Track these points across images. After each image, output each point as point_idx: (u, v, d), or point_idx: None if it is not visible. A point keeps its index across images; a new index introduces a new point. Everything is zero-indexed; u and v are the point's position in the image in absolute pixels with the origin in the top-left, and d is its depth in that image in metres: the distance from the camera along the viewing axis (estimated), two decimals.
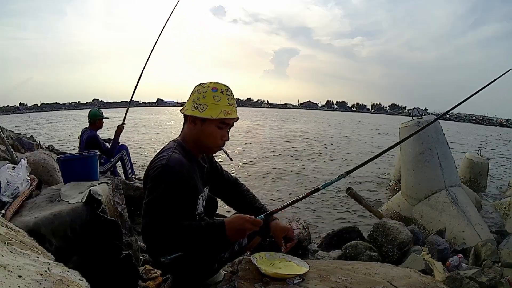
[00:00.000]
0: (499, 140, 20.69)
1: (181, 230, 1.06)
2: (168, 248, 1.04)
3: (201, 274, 1.30)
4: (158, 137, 13.92)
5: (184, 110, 1.25)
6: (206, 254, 1.23)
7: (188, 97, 1.26)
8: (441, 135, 4.11)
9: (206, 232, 1.10)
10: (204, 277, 1.33)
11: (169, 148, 1.21)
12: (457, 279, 2.21)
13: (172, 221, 1.04)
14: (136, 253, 1.89)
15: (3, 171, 1.58)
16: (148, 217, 1.06)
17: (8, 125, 15.77)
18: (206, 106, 1.20)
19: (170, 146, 1.23)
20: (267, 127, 21.94)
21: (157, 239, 1.04)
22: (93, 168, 1.88)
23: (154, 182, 1.10)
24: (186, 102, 1.27)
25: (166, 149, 1.21)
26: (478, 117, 75.42)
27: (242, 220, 1.12)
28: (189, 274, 1.27)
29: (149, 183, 1.12)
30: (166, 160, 1.12)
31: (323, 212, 4.64)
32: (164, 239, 1.04)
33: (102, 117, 3.92)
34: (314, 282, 1.22)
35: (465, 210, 3.57)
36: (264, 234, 1.36)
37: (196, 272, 1.27)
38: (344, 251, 2.93)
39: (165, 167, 1.10)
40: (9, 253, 0.72)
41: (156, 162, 1.15)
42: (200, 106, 1.20)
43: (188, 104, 1.24)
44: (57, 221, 1.28)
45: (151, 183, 1.11)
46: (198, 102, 1.21)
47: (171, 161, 1.12)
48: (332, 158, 9.60)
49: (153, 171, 1.12)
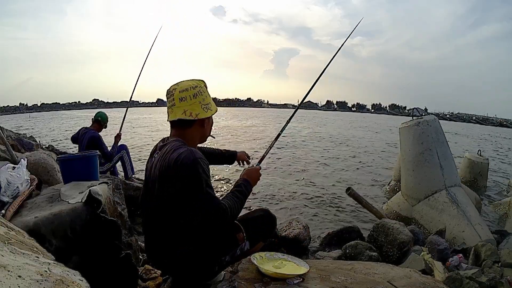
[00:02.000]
0: (498, 140, 20.69)
1: (236, 203, 1.26)
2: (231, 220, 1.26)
3: (201, 276, 1.30)
4: (160, 136, 13.89)
5: (195, 115, 1.24)
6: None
7: (184, 101, 1.24)
8: (441, 135, 4.11)
9: (245, 193, 1.34)
10: (204, 279, 1.33)
11: (181, 145, 1.21)
12: (457, 279, 2.21)
13: (221, 200, 1.21)
14: (136, 253, 1.89)
15: (3, 171, 1.58)
16: (210, 205, 1.15)
17: (8, 125, 15.81)
18: (210, 103, 1.28)
19: (180, 144, 1.23)
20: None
21: (226, 217, 1.19)
22: (93, 168, 1.88)
23: (193, 177, 1.14)
24: (188, 106, 1.24)
25: (178, 146, 1.21)
26: (478, 117, 75.42)
27: (254, 171, 1.46)
28: (189, 275, 1.28)
29: (185, 176, 1.13)
30: (192, 153, 1.16)
31: (323, 212, 4.64)
32: (229, 214, 1.21)
33: (107, 123, 4.00)
34: (314, 282, 1.22)
35: (465, 210, 3.56)
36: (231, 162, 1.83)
37: (196, 274, 1.27)
38: (344, 251, 2.93)
39: (195, 160, 1.15)
40: (9, 253, 0.72)
41: (182, 158, 1.15)
42: (207, 106, 1.27)
43: (196, 108, 1.24)
44: (57, 221, 1.28)
45: (190, 175, 1.13)
46: (204, 102, 1.26)
47: (195, 153, 1.17)
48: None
49: (185, 167, 1.13)
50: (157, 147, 1.35)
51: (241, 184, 1.38)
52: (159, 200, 1.22)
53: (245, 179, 1.41)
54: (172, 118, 1.26)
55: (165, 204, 1.21)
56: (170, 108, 1.28)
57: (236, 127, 21.34)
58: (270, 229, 1.55)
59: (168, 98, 1.29)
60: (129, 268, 1.47)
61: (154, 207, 1.25)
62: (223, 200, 1.25)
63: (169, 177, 1.17)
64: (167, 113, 1.30)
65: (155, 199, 1.23)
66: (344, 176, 7.21)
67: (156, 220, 1.26)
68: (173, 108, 1.26)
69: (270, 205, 4.78)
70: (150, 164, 1.31)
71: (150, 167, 1.31)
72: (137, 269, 1.65)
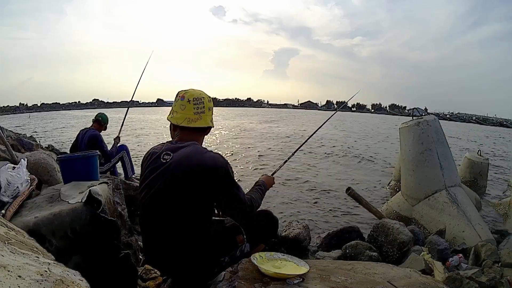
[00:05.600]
0: (498, 140, 20.67)
1: (258, 198, 1.48)
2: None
3: (200, 276, 1.30)
4: (161, 136, 13.96)
5: (207, 123, 1.39)
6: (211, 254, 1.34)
7: (210, 110, 1.41)
8: (441, 135, 4.10)
9: (262, 193, 1.56)
10: (203, 279, 1.33)
11: (205, 149, 1.34)
12: (457, 279, 2.21)
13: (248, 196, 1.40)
14: (136, 253, 1.89)
15: (3, 171, 1.58)
16: (242, 202, 1.32)
17: (8, 125, 15.83)
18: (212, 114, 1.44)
19: (202, 147, 1.36)
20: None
21: (253, 208, 1.39)
22: (93, 168, 1.88)
23: (227, 176, 1.28)
24: (211, 116, 1.42)
25: (203, 150, 1.32)
26: (478, 117, 75.42)
27: (270, 178, 1.72)
28: (188, 276, 1.28)
29: (220, 178, 1.26)
30: (220, 156, 1.32)
31: (323, 212, 4.64)
32: (254, 205, 1.41)
33: (107, 124, 3.99)
34: (314, 282, 1.22)
35: (465, 210, 3.56)
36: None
37: (195, 274, 1.28)
38: (344, 251, 2.93)
39: (226, 163, 1.30)
40: (9, 253, 0.72)
41: (213, 161, 1.27)
42: (211, 116, 1.43)
43: (208, 118, 1.39)
44: (57, 221, 1.28)
45: (224, 178, 1.27)
46: (210, 112, 1.41)
47: (222, 156, 1.33)
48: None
49: (222, 167, 1.27)
50: (162, 149, 1.34)
51: (261, 183, 1.61)
52: (172, 199, 1.22)
53: (263, 181, 1.65)
54: (200, 124, 1.36)
55: (179, 203, 1.23)
56: (198, 114, 1.36)
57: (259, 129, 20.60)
58: (272, 232, 1.55)
59: (195, 104, 1.35)
60: (128, 268, 1.47)
61: (161, 207, 1.25)
62: (247, 194, 1.44)
63: (200, 176, 1.23)
64: (188, 119, 1.35)
65: (165, 199, 1.23)
66: (344, 176, 7.22)
67: (160, 221, 1.26)
68: (202, 116, 1.37)
69: (270, 205, 4.77)
70: (156, 165, 1.30)
71: (159, 168, 1.29)
72: (137, 269, 1.65)
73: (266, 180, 1.68)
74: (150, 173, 1.32)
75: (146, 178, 1.32)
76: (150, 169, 1.33)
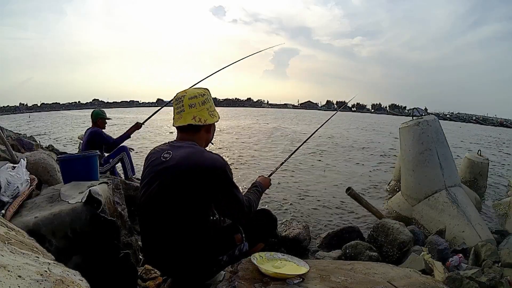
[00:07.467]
0: (499, 140, 20.68)
1: (256, 198, 1.48)
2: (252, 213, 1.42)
3: (199, 276, 1.30)
4: (162, 136, 13.95)
5: (204, 121, 1.35)
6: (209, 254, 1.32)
7: (193, 107, 1.34)
8: (441, 135, 4.10)
9: (260, 194, 1.55)
10: (203, 279, 1.33)
11: (203, 149, 1.33)
12: (457, 279, 2.21)
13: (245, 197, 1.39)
14: (136, 253, 1.89)
15: (3, 171, 1.58)
16: (241, 202, 1.32)
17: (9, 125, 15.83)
18: (215, 110, 1.40)
19: (199, 148, 1.33)
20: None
21: (251, 209, 1.38)
22: (93, 168, 1.88)
23: (226, 176, 1.27)
24: (197, 112, 1.34)
25: (202, 150, 1.31)
26: (478, 117, 75.41)
27: (266, 179, 1.71)
28: (187, 276, 1.28)
29: (220, 179, 1.25)
30: (220, 157, 1.30)
31: (323, 212, 4.64)
32: (252, 205, 1.40)
33: (104, 117, 3.89)
34: (314, 282, 1.22)
35: (465, 210, 3.56)
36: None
37: (194, 274, 1.28)
38: (344, 251, 2.93)
39: (225, 164, 1.29)
40: (9, 253, 0.72)
41: (212, 161, 1.26)
42: (213, 113, 1.38)
43: (204, 114, 1.35)
44: (57, 221, 1.28)
45: (223, 179, 1.27)
46: (211, 109, 1.37)
47: (221, 157, 1.31)
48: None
49: (220, 168, 1.26)
50: (163, 148, 1.35)
51: (258, 184, 1.60)
52: (170, 199, 1.23)
53: (260, 182, 1.63)
54: (181, 123, 1.34)
55: (177, 202, 1.22)
56: (179, 113, 1.35)
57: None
58: (270, 230, 1.56)
59: (176, 104, 1.36)
60: (128, 268, 1.47)
61: (159, 206, 1.25)
62: (245, 195, 1.41)
63: (199, 176, 1.22)
64: (174, 119, 1.37)
65: (163, 198, 1.24)
66: (344, 176, 7.22)
67: (158, 219, 1.26)
68: (182, 114, 1.34)
69: (269, 206, 4.77)
70: (156, 164, 1.31)
71: (158, 167, 1.29)
72: (137, 269, 1.65)
73: (263, 181, 1.67)
74: (150, 171, 1.33)
75: (146, 177, 1.34)
76: (150, 168, 1.34)
